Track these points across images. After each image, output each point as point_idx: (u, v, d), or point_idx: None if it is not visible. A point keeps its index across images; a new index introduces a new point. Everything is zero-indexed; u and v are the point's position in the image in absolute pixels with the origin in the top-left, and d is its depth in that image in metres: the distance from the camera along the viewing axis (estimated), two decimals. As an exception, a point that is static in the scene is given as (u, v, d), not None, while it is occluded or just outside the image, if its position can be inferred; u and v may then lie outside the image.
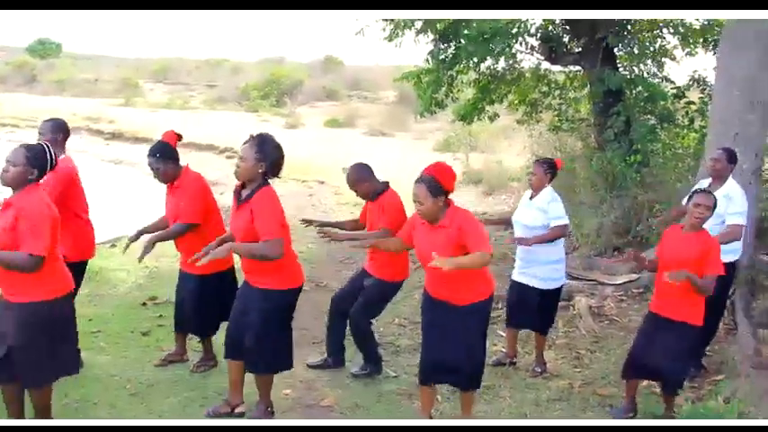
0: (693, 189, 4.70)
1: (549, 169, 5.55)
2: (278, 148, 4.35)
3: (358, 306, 5.29)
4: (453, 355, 4.31)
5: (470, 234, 4.11)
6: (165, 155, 5.01)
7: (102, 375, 5.26)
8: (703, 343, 5.64)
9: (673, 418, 4.76)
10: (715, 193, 5.36)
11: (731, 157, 5.62)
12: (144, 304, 6.96)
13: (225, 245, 4.32)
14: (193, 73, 44.09)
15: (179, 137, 5.17)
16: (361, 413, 4.85)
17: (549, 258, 5.47)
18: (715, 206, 4.55)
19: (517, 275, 5.59)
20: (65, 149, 5.11)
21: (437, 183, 4.12)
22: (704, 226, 4.59)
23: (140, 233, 5.29)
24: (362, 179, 5.27)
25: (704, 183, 5.67)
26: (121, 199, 13.03)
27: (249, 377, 4.64)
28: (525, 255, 5.50)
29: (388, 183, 5.31)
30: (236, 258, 4.72)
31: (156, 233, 5.14)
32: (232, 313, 4.57)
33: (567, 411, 5.01)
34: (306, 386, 5.24)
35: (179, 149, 5.13)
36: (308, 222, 5.42)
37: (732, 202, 5.44)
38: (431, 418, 4.61)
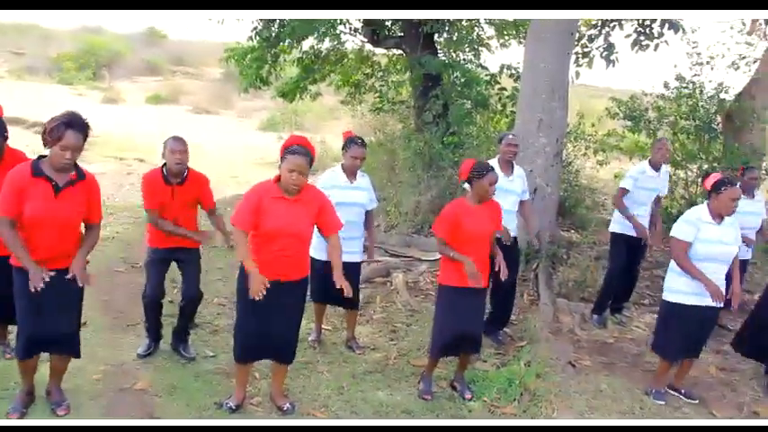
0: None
1: None
2: None
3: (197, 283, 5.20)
4: (288, 331, 4.37)
5: (330, 213, 4.31)
6: (4, 130, 4.49)
7: None
8: (508, 312, 6.15)
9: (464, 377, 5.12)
10: (513, 176, 5.80)
11: None
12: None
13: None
14: (-2, 38, 40.45)
15: None
16: (178, 394, 4.74)
17: (362, 232, 5.61)
18: None
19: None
20: None
21: (311, 156, 4.14)
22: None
23: None
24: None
25: (493, 162, 5.81)
26: None
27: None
28: (346, 233, 5.26)
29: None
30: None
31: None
32: (46, 311, 3.92)
33: (382, 383, 5.19)
34: (119, 370, 5.02)
35: None
36: None
37: (524, 181, 6.02)
38: (246, 395, 4.61)
